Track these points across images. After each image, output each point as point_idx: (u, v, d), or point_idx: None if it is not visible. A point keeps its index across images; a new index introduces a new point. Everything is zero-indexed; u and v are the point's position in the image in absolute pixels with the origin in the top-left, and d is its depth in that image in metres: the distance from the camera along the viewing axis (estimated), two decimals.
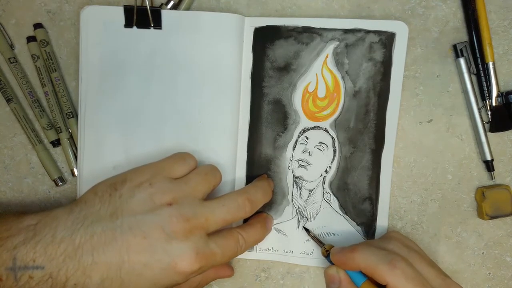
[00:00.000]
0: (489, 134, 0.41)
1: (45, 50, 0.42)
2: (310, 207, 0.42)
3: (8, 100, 0.42)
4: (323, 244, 0.39)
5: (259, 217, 0.41)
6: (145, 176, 0.34)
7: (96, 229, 0.32)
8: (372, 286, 0.34)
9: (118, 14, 0.40)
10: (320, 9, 0.41)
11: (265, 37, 0.41)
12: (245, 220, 0.41)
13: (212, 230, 0.34)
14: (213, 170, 0.37)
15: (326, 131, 0.41)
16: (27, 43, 0.42)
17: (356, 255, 0.34)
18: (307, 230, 0.41)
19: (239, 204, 0.35)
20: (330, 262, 0.37)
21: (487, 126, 0.41)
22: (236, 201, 0.35)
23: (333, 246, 0.38)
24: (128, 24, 0.40)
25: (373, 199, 0.41)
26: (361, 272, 0.35)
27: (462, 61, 0.40)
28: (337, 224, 0.42)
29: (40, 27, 0.42)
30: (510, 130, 0.41)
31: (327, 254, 0.38)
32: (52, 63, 0.42)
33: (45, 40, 0.42)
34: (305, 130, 0.41)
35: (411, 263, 0.33)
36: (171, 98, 0.41)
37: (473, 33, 0.40)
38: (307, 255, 0.42)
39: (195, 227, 0.33)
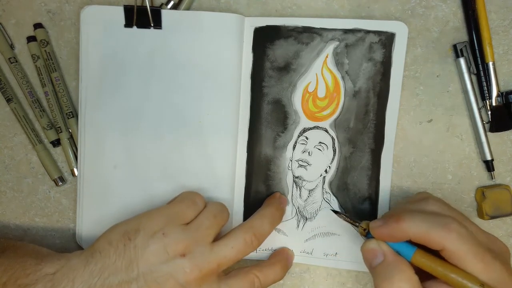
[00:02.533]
0: (489, 134, 0.41)
1: (45, 50, 0.42)
2: (309, 207, 0.42)
3: (8, 100, 0.42)
4: (359, 223, 0.36)
5: (281, 256, 0.41)
6: (158, 225, 0.35)
7: (112, 282, 0.33)
8: (425, 254, 0.32)
9: (118, 14, 0.40)
10: (320, 9, 0.41)
11: (265, 37, 0.41)
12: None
13: (223, 269, 0.36)
14: (222, 211, 0.37)
15: (326, 131, 0.41)
16: (27, 43, 0.42)
17: (404, 224, 0.31)
18: (336, 212, 0.38)
19: (247, 242, 0.36)
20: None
21: (487, 126, 0.41)
22: (244, 240, 0.36)
23: (369, 222, 0.34)
24: (128, 24, 0.40)
25: (373, 199, 0.41)
26: (408, 242, 0.32)
27: (462, 61, 0.40)
28: (337, 224, 0.42)
29: (40, 27, 0.42)
30: (510, 130, 0.41)
31: (366, 233, 0.35)
32: (52, 63, 0.42)
33: (45, 40, 0.42)
34: (305, 130, 0.41)
35: (462, 223, 0.31)
36: (171, 98, 0.41)
37: (473, 33, 0.40)
38: (307, 254, 0.42)
39: (207, 274, 0.34)
